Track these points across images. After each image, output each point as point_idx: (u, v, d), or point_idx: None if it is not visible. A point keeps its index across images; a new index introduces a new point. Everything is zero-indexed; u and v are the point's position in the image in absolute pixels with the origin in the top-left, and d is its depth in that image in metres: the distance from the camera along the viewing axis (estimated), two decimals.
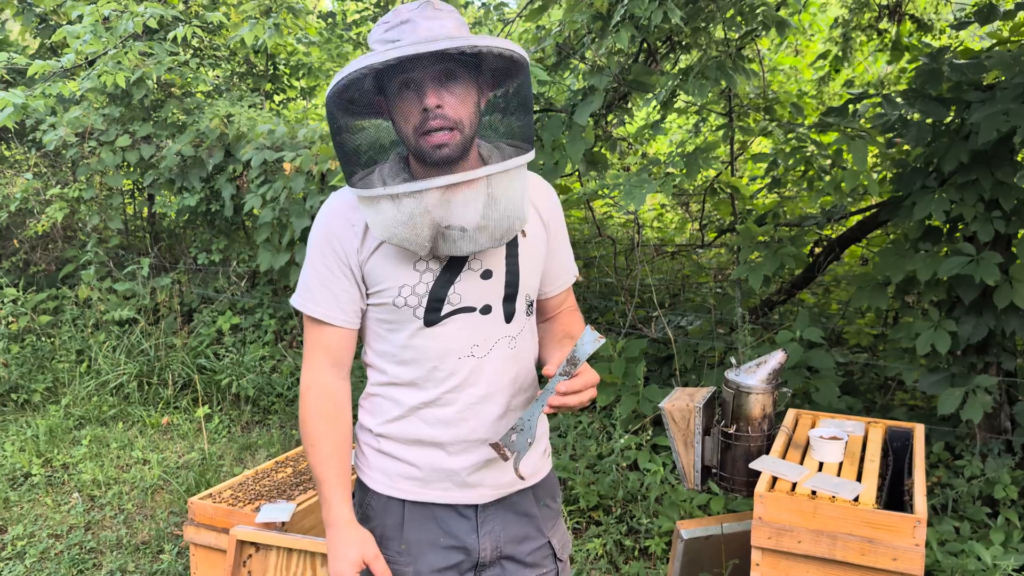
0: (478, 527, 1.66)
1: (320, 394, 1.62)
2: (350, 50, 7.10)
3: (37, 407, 5.33)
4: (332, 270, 1.59)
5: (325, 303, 1.60)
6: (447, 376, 1.60)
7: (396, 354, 1.61)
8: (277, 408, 5.15)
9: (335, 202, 1.62)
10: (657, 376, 4.54)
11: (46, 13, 6.76)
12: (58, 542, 3.75)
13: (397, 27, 1.47)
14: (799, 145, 3.85)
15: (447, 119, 1.46)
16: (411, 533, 1.64)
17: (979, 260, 3.29)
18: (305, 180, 4.96)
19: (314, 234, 1.62)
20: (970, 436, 3.64)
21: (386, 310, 1.59)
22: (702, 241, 5.82)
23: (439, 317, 1.58)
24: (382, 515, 1.66)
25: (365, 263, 1.58)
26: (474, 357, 1.60)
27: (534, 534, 1.72)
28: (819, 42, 7.13)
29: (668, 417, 2.41)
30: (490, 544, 1.67)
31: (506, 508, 1.69)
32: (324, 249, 1.60)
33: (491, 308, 1.61)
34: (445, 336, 1.59)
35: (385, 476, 1.66)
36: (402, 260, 1.56)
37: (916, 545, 1.87)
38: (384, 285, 1.57)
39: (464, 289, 1.58)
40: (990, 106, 3.15)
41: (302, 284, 1.63)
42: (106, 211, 6.22)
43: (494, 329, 1.62)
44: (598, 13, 3.74)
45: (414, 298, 1.57)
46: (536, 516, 1.73)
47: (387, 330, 1.61)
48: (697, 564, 2.63)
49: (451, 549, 1.65)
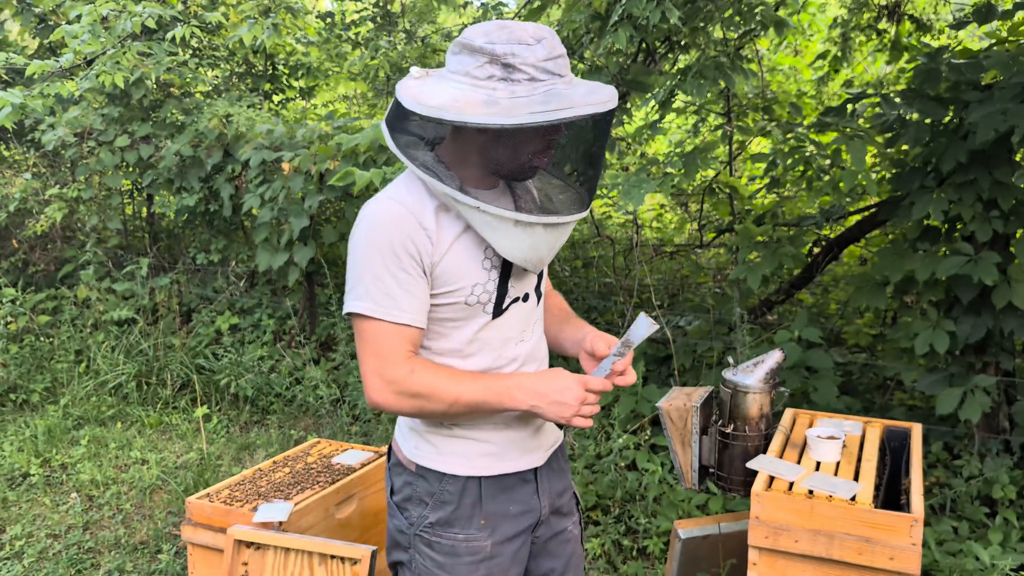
0: (538, 488, 1.82)
1: (423, 364, 1.65)
2: (348, 50, 7.10)
3: (36, 407, 5.33)
4: (410, 273, 1.61)
5: (410, 308, 1.63)
6: (508, 362, 1.75)
7: (461, 349, 1.72)
8: (276, 408, 5.15)
9: (394, 206, 1.62)
10: (656, 376, 4.54)
11: (45, 13, 6.75)
12: (56, 542, 3.75)
13: (556, 60, 1.55)
14: (798, 145, 3.85)
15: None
16: (489, 507, 1.76)
17: (977, 260, 3.29)
18: (304, 180, 4.96)
19: (379, 241, 1.61)
20: (969, 436, 3.64)
21: (454, 309, 1.68)
22: (701, 241, 5.83)
23: (503, 309, 1.72)
24: (460, 496, 1.75)
25: (438, 265, 1.63)
26: (524, 342, 1.78)
27: (568, 485, 1.94)
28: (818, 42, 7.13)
29: (665, 417, 2.41)
30: (547, 502, 1.85)
31: (552, 466, 1.87)
32: (399, 253, 1.60)
33: (529, 295, 1.78)
34: (505, 326, 1.73)
35: (462, 458, 1.75)
36: (473, 260, 1.66)
37: (913, 544, 1.87)
38: (457, 285, 1.65)
39: (516, 281, 1.73)
40: (988, 106, 3.15)
41: (379, 292, 1.61)
42: (105, 211, 6.22)
43: (532, 313, 1.80)
44: (596, 13, 3.74)
45: (485, 294, 1.69)
46: (566, 469, 1.94)
47: (451, 328, 1.70)
48: (695, 564, 2.63)
49: (521, 515, 1.80)
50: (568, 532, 1.92)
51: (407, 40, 6.97)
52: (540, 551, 1.88)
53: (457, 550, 1.74)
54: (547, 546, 1.88)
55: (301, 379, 5.20)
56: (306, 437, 4.73)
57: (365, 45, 6.97)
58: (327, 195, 4.87)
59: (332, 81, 7.61)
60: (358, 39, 7.25)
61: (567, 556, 1.92)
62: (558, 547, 1.90)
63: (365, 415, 4.44)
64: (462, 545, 1.74)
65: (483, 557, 1.75)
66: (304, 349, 5.36)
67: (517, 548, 1.80)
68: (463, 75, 1.55)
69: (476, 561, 1.75)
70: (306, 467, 2.79)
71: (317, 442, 3.02)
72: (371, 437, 4.39)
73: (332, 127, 5.31)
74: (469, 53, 1.55)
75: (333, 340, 5.49)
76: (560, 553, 1.90)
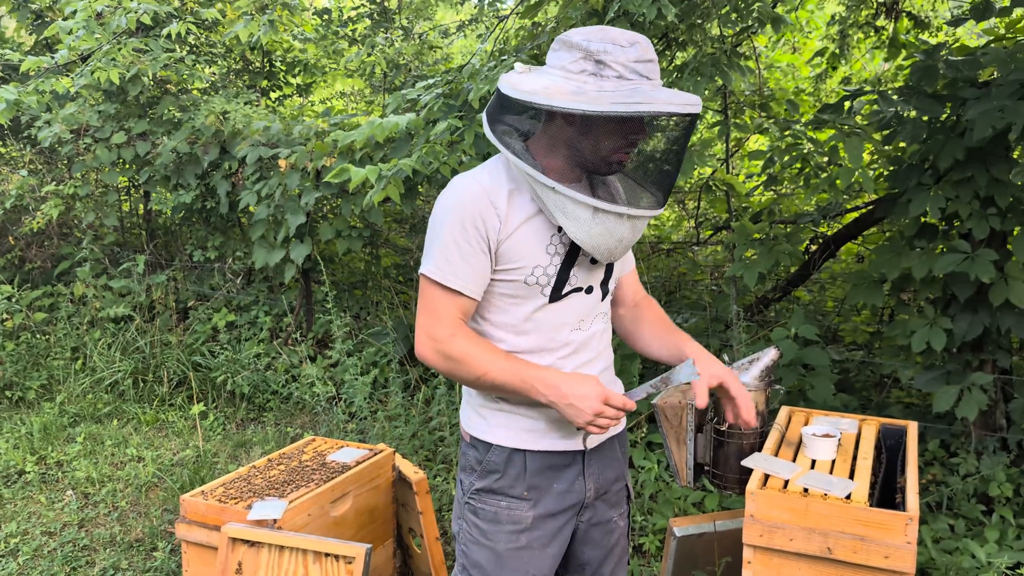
0: (584, 472, 1.90)
1: (464, 332, 1.79)
2: (345, 47, 7.08)
3: (32, 404, 5.32)
4: (473, 246, 1.75)
5: (464, 276, 1.76)
6: (560, 346, 1.84)
7: (516, 325, 1.83)
8: (272, 405, 5.14)
9: (472, 184, 1.77)
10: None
11: (42, 9, 6.73)
12: (51, 539, 3.74)
13: (646, 63, 1.65)
14: (795, 142, 3.84)
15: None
16: (533, 480, 1.86)
17: (974, 257, 3.29)
18: (300, 177, 4.95)
19: (452, 213, 1.76)
20: (965, 434, 3.64)
21: (514, 286, 1.80)
22: (698, 238, 5.82)
23: (560, 295, 1.82)
24: (505, 466, 1.86)
25: (504, 242, 1.76)
26: (580, 330, 1.86)
27: (621, 476, 2.02)
28: (816, 39, 7.12)
29: (660, 414, 2.40)
30: (593, 486, 1.93)
31: (604, 453, 1.95)
32: (467, 226, 1.74)
33: (593, 289, 1.87)
34: (561, 311, 1.83)
35: (508, 431, 1.86)
36: (538, 243, 1.77)
37: (908, 543, 1.86)
38: (519, 264, 1.77)
39: (579, 272, 1.82)
40: (985, 103, 3.14)
41: (442, 257, 1.77)
42: (102, 208, 6.20)
43: (595, 306, 1.89)
44: (593, 9, 3.72)
45: (544, 277, 1.79)
46: (622, 461, 2.03)
47: (510, 304, 1.82)
48: (690, 562, 2.62)
49: (565, 493, 1.88)
50: (613, 523, 2.00)
51: (404, 37, 6.95)
52: (583, 537, 1.97)
53: (499, 517, 1.87)
54: (590, 533, 1.97)
55: (297, 376, 5.20)
56: (303, 434, 4.73)
57: (361, 42, 6.95)
58: (323, 192, 4.86)
59: (329, 78, 7.59)
60: (355, 36, 7.23)
61: (608, 547, 2.00)
62: (601, 536, 1.98)
63: (361, 412, 4.43)
64: (504, 513, 1.86)
65: (524, 527, 1.86)
66: (300, 346, 5.35)
67: (560, 526, 1.89)
68: (559, 69, 1.68)
69: (517, 531, 1.86)
70: (301, 465, 2.79)
71: (312, 440, 3.01)
72: (367, 435, 4.38)
73: (329, 124, 5.30)
74: (567, 49, 1.68)
75: (329, 337, 5.48)
76: (602, 543, 1.99)
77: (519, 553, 1.86)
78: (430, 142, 4.00)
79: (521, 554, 1.86)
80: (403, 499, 2.89)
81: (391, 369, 4.65)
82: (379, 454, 2.84)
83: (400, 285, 6.22)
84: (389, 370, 4.75)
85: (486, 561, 1.88)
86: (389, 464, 2.87)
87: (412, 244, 6.32)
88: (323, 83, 7.80)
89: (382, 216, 4.97)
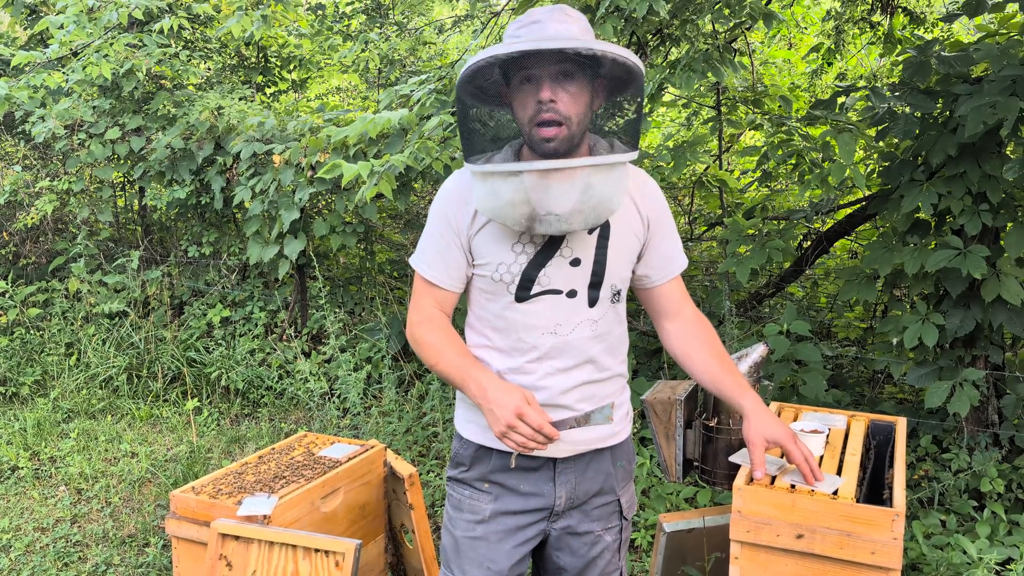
0: (555, 478, 1.89)
1: (433, 321, 1.86)
2: (339, 42, 7.07)
3: (25, 400, 5.31)
4: (446, 240, 1.83)
5: (436, 267, 1.85)
6: (530, 348, 1.83)
7: (491, 321, 1.86)
8: (267, 401, 5.14)
9: (455, 181, 1.85)
10: (646, 368, 4.54)
11: (36, 4, 6.71)
12: (44, 535, 3.74)
13: (528, 26, 1.68)
14: (787, 139, 3.84)
15: (558, 113, 1.64)
16: (497, 477, 1.89)
17: (966, 253, 3.29)
18: (294, 172, 4.94)
19: (435, 207, 1.86)
20: (957, 429, 3.64)
21: (486, 282, 1.83)
22: (691, 234, 5.82)
23: (528, 295, 1.80)
24: (472, 461, 1.92)
25: (473, 238, 1.81)
26: (556, 335, 1.82)
27: (606, 491, 1.96)
28: (812, 35, 7.12)
29: (650, 410, 2.40)
30: (565, 495, 1.90)
31: (583, 464, 1.91)
32: (441, 221, 1.83)
33: (576, 292, 1.82)
34: (532, 313, 1.81)
35: (477, 427, 1.89)
36: (503, 240, 1.78)
37: (894, 539, 1.86)
38: (486, 260, 1.81)
39: (553, 273, 1.79)
40: (977, 99, 3.14)
41: (421, 247, 1.89)
42: (96, 204, 6.18)
43: (577, 312, 1.83)
44: (586, 5, 3.72)
45: (508, 275, 1.80)
46: (611, 474, 1.96)
47: (486, 299, 1.85)
48: (679, 557, 2.63)
49: (530, 495, 1.89)
50: (595, 536, 1.97)
51: (399, 32, 6.94)
52: (556, 543, 1.97)
53: (462, 505, 1.93)
54: (567, 541, 1.96)
55: (292, 372, 5.19)
56: (296, 430, 4.72)
57: (356, 37, 6.94)
58: (317, 188, 4.85)
59: (324, 73, 7.58)
60: (349, 31, 7.22)
61: (589, 558, 1.98)
62: (580, 546, 1.97)
63: (355, 408, 4.43)
64: (467, 502, 1.92)
65: (481, 519, 1.90)
66: (295, 342, 5.35)
67: (521, 525, 1.90)
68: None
69: (474, 521, 1.91)
70: (292, 461, 2.78)
71: (304, 435, 3.01)
72: (360, 431, 4.38)
73: (323, 119, 5.28)
74: None
75: (324, 333, 5.48)
76: (580, 553, 1.97)
77: (474, 543, 1.91)
78: (423, 138, 4.00)
79: (476, 544, 1.90)
80: (395, 495, 2.90)
81: (385, 365, 4.65)
82: (370, 450, 2.84)
83: (394, 281, 6.22)
84: (383, 366, 4.74)
85: (448, 546, 1.97)
86: (380, 460, 2.87)
87: (406, 240, 6.31)
88: (319, 79, 7.78)
89: (376, 212, 4.97)
